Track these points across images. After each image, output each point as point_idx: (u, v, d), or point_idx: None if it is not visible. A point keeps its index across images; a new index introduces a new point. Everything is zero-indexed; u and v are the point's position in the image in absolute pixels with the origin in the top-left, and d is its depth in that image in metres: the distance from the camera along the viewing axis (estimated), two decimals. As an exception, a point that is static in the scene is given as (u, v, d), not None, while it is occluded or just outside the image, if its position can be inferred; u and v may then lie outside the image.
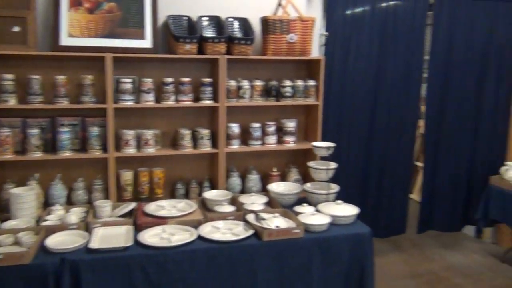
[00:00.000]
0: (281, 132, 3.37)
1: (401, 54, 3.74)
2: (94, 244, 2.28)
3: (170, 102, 3.04)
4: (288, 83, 3.28)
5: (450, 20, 3.84)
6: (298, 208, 2.88)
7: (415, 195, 5.13)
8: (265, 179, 3.39)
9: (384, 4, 3.67)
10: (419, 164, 5.03)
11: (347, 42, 3.58)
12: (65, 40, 2.83)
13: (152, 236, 2.45)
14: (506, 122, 4.14)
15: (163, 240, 2.40)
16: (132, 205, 2.82)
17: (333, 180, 3.16)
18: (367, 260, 2.65)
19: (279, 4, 3.29)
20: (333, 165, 3.07)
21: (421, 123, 4.20)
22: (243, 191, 3.31)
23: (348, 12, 3.56)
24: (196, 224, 2.60)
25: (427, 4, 3.76)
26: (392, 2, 3.69)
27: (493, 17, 3.92)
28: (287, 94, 3.28)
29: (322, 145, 3.06)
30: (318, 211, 2.83)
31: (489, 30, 3.93)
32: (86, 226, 2.51)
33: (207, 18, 3.16)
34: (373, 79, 3.72)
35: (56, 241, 2.32)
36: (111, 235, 2.43)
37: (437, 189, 4.09)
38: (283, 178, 3.46)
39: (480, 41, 3.94)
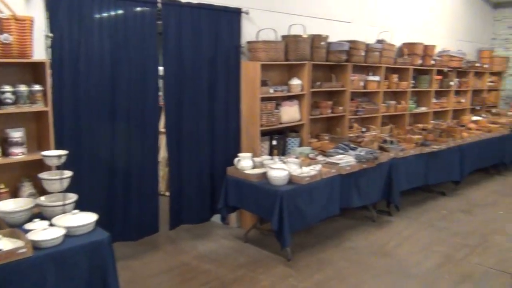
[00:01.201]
0: (6, 143, 3.03)
1: (135, 60, 3.79)
2: None
3: None
4: (8, 88, 2.97)
5: (178, 27, 4.06)
6: (28, 225, 2.65)
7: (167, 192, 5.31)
8: (-8, 198, 2.99)
9: (113, 9, 3.64)
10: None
11: (76, 45, 3.43)
12: None
13: None
14: (237, 120, 4.65)
15: None
16: None
17: (73, 189, 3.01)
18: (108, 266, 2.64)
19: (-11, 1, 2.93)
20: (67, 173, 2.92)
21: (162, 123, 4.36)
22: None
23: (75, 14, 3.41)
24: None
25: (156, 12, 3.89)
26: (120, 10, 3.69)
27: (217, 25, 4.35)
28: (8, 100, 2.96)
29: (53, 154, 2.88)
30: (52, 225, 2.66)
31: (215, 35, 4.34)
32: None
33: None
34: (109, 83, 3.66)
35: None
36: None
37: (183, 184, 4.32)
38: (15, 194, 3.12)
39: (208, 48, 4.30)
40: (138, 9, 3.80)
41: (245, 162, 4.25)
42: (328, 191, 4.21)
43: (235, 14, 4.53)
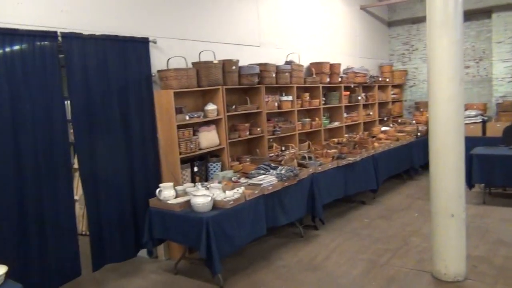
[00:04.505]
0: None
1: (39, 97, 3.60)
2: None
3: None
4: None
5: (83, 59, 3.93)
6: None
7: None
8: None
9: (9, 47, 3.44)
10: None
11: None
12: None
13: None
14: (155, 149, 4.55)
15: None
16: None
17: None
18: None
19: None
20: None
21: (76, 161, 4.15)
22: None
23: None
24: None
25: (57, 45, 3.74)
26: (18, 44, 3.49)
27: (125, 55, 4.27)
28: None
29: None
30: (-48, 283, 2.38)
31: (123, 66, 4.26)
32: None
33: None
34: (10, 124, 3.43)
35: None
36: None
37: (104, 221, 4.11)
38: None
39: (117, 79, 4.20)
40: (37, 43, 3.62)
41: (167, 192, 4.15)
42: (253, 212, 4.22)
43: (142, 43, 4.50)
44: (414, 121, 8.89)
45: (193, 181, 4.71)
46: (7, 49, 3.44)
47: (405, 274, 4.02)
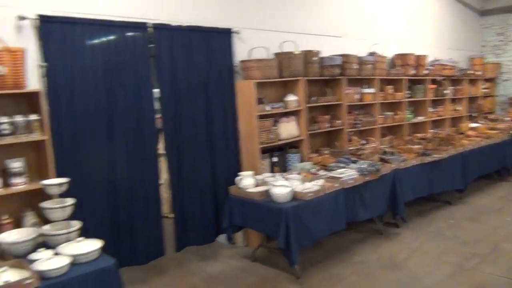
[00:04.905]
0: (6, 174, 3.00)
1: (129, 85, 3.80)
2: None
3: None
4: (4, 119, 2.96)
5: (170, 50, 4.09)
6: (33, 255, 2.59)
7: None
8: (-5, 230, 2.95)
9: (105, 35, 3.67)
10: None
11: (70, 73, 3.44)
12: None
13: None
14: (235, 138, 4.65)
15: None
16: None
17: (77, 216, 2.97)
18: (115, 293, 2.56)
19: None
20: (69, 201, 2.88)
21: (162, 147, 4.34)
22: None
23: (67, 42, 3.42)
24: None
25: (147, 36, 3.92)
26: (112, 34, 3.72)
27: (209, 46, 4.38)
28: (6, 131, 2.95)
29: (53, 183, 2.85)
30: (57, 253, 2.60)
31: (207, 56, 4.37)
32: None
33: None
34: (105, 109, 3.66)
35: None
36: None
37: (187, 206, 4.28)
38: (19, 224, 3.07)
39: (202, 68, 4.33)
40: (130, 33, 3.82)
41: (247, 181, 4.21)
42: (332, 205, 4.16)
43: (226, 34, 4.58)
44: (508, 118, 8.22)
45: (272, 171, 4.73)
46: (104, 40, 3.67)
47: (496, 282, 3.75)
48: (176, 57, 4.14)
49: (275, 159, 4.81)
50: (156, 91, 4.06)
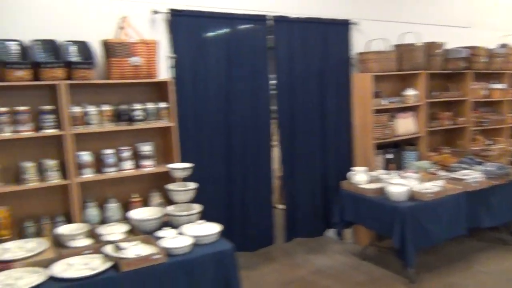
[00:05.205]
0: (137, 156, 3.26)
1: (248, 75, 3.90)
2: None
3: (6, 134, 2.75)
4: (138, 106, 3.20)
5: (288, 41, 4.11)
6: (159, 233, 2.79)
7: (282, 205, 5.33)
8: (127, 206, 3.24)
9: (227, 28, 3.80)
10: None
11: (195, 64, 3.62)
12: None
13: (-8, 285, 2.15)
14: (349, 132, 4.55)
15: (7, 287, 2.12)
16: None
17: (196, 200, 3.13)
18: (232, 276, 2.66)
19: (120, 27, 3.22)
20: (192, 185, 3.05)
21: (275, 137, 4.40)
22: (103, 221, 3.12)
23: (193, 35, 3.61)
24: (47, 264, 2.38)
25: (266, 28, 3.98)
26: (234, 26, 3.83)
27: (326, 38, 4.32)
28: (139, 117, 3.19)
29: (179, 167, 3.03)
30: (180, 233, 2.77)
31: (324, 48, 4.32)
32: None
33: (40, 42, 2.94)
34: (225, 99, 3.81)
35: None
36: None
37: (297, 198, 4.30)
38: (146, 203, 3.34)
39: (317, 60, 4.29)
40: (250, 26, 3.92)
41: (360, 176, 4.09)
42: (453, 209, 3.85)
43: (343, 26, 4.48)
44: None
45: (386, 168, 4.54)
46: (226, 32, 3.80)
47: None
48: (293, 49, 4.15)
49: (389, 156, 4.61)
50: (272, 82, 4.12)
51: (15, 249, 2.60)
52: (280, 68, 4.10)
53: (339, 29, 4.45)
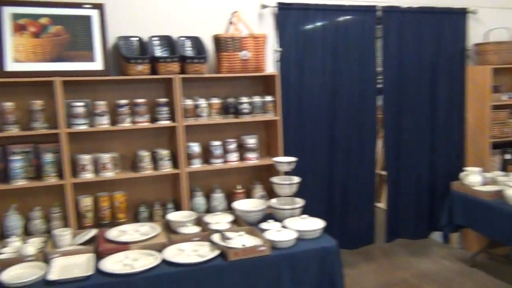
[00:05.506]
0: (242, 149, 3.34)
1: (354, 68, 3.79)
2: (53, 275, 2.17)
3: (126, 124, 2.97)
4: (245, 99, 3.26)
5: (398, 32, 3.92)
6: (264, 225, 2.83)
7: (383, 204, 5.16)
8: (230, 197, 3.34)
9: (333, 20, 3.72)
10: (383, 173, 5.08)
11: (301, 57, 3.60)
12: (11, 65, 2.73)
13: (114, 263, 2.35)
14: (461, 129, 4.23)
15: (125, 266, 2.30)
16: (93, 232, 2.71)
17: (297, 194, 3.13)
18: (336, 274, 2.61)
19: (231, 22, 3.30)
20: (296, 179, 3.04)
21: (380, 133, 4.24)
22: (208, 210, 3.25)
23: (300, 28, 3.59)
24: (160, 248, 2.53)
25: (375, 17, 3.84)
26: (341, 18, 3.75)
27: (440, 28, 4.05)
28: (245, 110, 3.26)
29: (284, 160, 3.03)
30: (284, 227, 2.78)
31: (437, 39, 4.05)
32: (44, 257, 2.39)
33: (158, 38, 3.13)
34: (329, 92, 3.74)
35: (12, 275, 2.20)
36: (71, 265, 2.33)
37: (401, 197, 4.11)
38: (248, 195, 3.41)
39: (429, 52, 4.04)
40: (358, 17, 3.80)
41: (473, 177, 3.79)
42: None
43: (460, 15, 4.15)
44: None
45: (503, 169, 4.15)
46: (332, 24, 3.72)
47: None
48: (403, 40, 3.94)
49: (508, 157, 4.20)
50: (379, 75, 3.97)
51: (131, 231, 2.78)
52: (387, 60, 3.93)
53: (454, 18, 4.14)
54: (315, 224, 2.78)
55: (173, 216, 2.95)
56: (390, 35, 3.90)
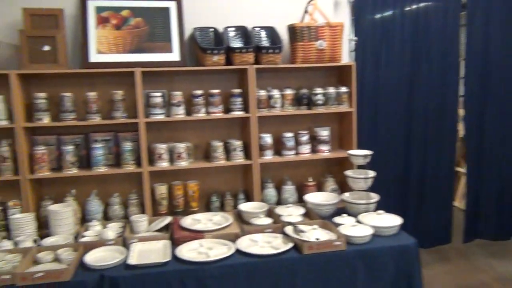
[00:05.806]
0: (314, 141, 3.27)
1: (435, 57, 3.61)
2: (132, 260, 2.25)
3: (201, 115, 3.00)
4: (319, 90, 3.19)
5: (484, 19, 3.69)
6: (337, 219, 2.76)
7: (458, 203, 4.89)
8: (301, 190, 3.29)
9: (414, 7, 3.56)
10: (461, 170, 4.81)
11: (377, 46, 3.48)
12: (94, 57, 2.84)
13: (189, 251, 2.39)
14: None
15: (201, 255, 2.34)
16: (168, 219, 2.78)
17: (371, 189, 3.02)
18: (415, 274, 2.50)
19: (306, 11, 3.22)
20: (371, 173, 2.94)
21: (461, 127, 4.00)
22: (279, 202, 3.22)
23: (377, 16, 3.46)
24: (233, 238, 2.54)
25: (460, 4, 3.62)
26: (422, 4, 3.57)
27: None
28: (319, 102, 3.18)
29: (359, 153, 2.94)
30: (358, 222, 2.70)
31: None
32: (123, 242, 2.49)
33: (233, 28, 3.14)
34: (407, 83, 3.59)
35: (95, 257, 2.31)
36: (148, 250, 2.40)
37: (482, 196, 3.89)
38: (319, 188, 3.35)
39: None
40: (440, 3, 3.59)
41: None
42: None
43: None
44: None
45: None
46: (413, 11, 3.54)
47: None
48: (491, 28, 3.70)
49: None
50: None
51: (204, 220, 2.82)
52: (472, 49, 3.69)
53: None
54: (392, 221, 2.67)
55: (245, 206, 2.96)
56: (475, 22, 3.67)
